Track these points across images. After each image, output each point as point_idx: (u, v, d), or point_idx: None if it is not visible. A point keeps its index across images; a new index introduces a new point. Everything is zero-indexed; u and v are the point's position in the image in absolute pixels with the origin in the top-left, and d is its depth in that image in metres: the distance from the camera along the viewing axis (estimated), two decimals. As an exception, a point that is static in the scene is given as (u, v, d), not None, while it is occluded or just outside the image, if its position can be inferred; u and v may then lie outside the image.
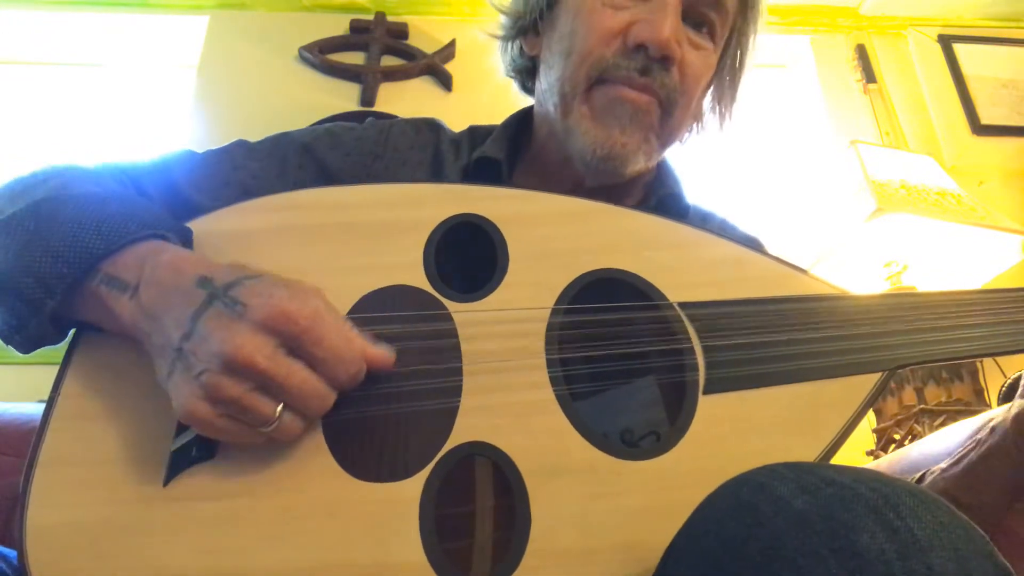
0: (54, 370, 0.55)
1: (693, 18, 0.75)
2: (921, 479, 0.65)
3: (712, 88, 0.84)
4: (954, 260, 1.64)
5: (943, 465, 0.63)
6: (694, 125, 0.86)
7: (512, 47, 0.87)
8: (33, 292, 0.53)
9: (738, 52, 0.82)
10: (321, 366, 0.49)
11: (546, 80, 0.78)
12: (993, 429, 0.60)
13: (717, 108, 0.85)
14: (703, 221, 0.86)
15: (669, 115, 0.74)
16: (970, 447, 0.61)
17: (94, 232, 0.54)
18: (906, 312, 0.63)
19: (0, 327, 0.57)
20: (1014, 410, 0.58)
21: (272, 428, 0.48)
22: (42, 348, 0.59)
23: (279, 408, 0.48)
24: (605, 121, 0.72)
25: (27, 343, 0.58)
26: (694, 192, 0.87)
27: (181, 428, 0.52)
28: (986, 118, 2.05)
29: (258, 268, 0.52)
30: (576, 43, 0.74)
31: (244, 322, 0.47)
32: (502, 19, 0.86)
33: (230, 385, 0.46)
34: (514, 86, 0.90)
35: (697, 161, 0.99)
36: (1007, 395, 1.04)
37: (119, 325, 0.53)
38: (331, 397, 0.50)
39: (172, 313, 0.49)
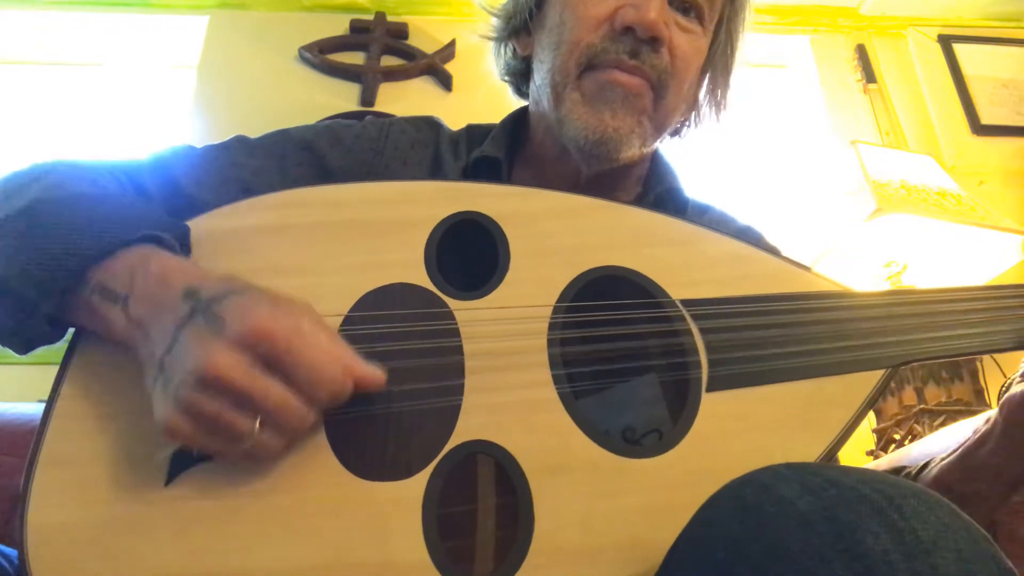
0: (54, 370, 0.55)
1: (680, 3, 0.75)
2: (925, 466, 0.65)
3: (707, 78, 0.84)
4: (954, 260, 1.65)
5: (944, 455, 0.63)
6: (691, 116, 0.86)
7: (505, 50, 0.87)
8: (28, 295, 0.53)
9: (729, 40, 0.82)
10: (300, 385, 0.48)
11: (539, 75, 0.79)
12: (989, 420, 0.60)
13: (712, 98, 0.85)
14: (702, 214, 0.86)
15: (662, 98, 0.74)
16: (969, 438, 0.61)
17: (87, 234, 0.54)
18: (908, 309, 0.62)
19: None
20: (1003, 399, 0.58)
21: (250, 445, 0.47)
22: (41, 348, 0.59)
23: (256, 425, 0.47)
24: (596, 106, 0.72)
25: (23, 344, 0.57)
26: (693, 189, 0.87)
27: None
28: (986, 118, 2.06)
29: (249, 282, 0.51)
30: (565, 33, 0.74)
31: (221, 338, 0.46)
32: (494, 21, 0.86)
33: (206, 401, 0.46)
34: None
35: (698, 161, 0.99)
36: (1007, 395, 1.03)
37: (113, 333, 0.53)
38: (310, 416, 0.49)
39: (158, 325, 0.49)
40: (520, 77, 0.87)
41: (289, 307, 0.50)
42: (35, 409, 1.07)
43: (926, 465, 0.65)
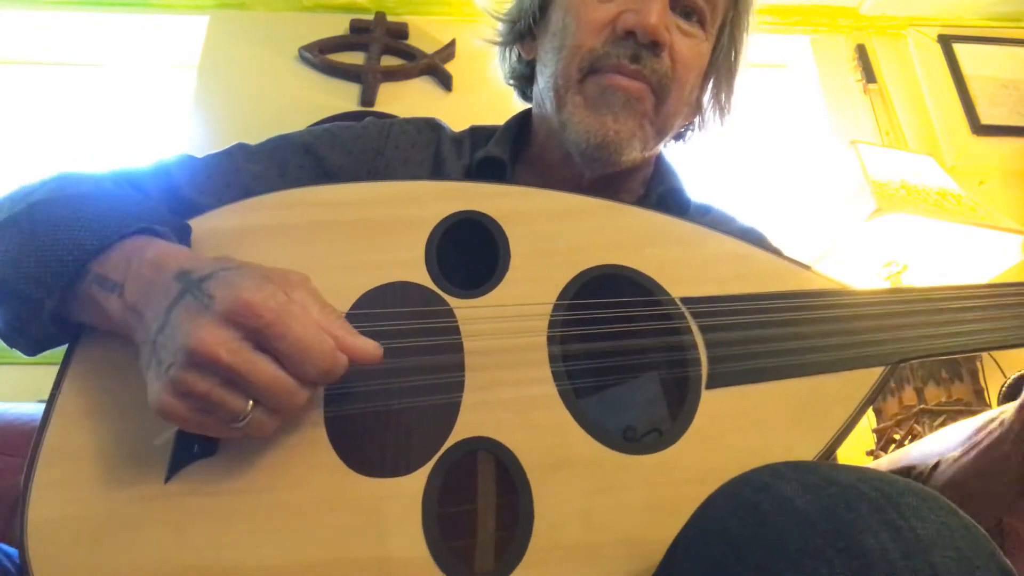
0: (54, 370, 0.55)
1: (682, 7, 0.76)
2: (936, 467, 0.65)
3: (710, 82, 0.84)
4: (954, 260, 1.65)
5: (955, 454, 0.64)
6: (695, 119, 0.86)
7: (511, 54, 0.88)
8: (32, 292, 0.53)
9: (732, 44, 0.83)
10: (287, 361, 0.47)
11: (542, 79, 0.79)
12: (1002, 422, 0.60)
13: (715, 102, 0.85)
14: (704, 215, 0.87)
15: (663, 102, 0.74)
16: (981, 437, 0.61)
17: (87, 229, 0.54)
18: (908, 306, 0.63)
19: (3, 329, 0.58)
20: (1020, 401, 0.58)
21: (243, 424, 0.47)
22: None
23: (250, 404, 0.46)
24: (598, 109, 0.72)
25: (32, 345, 0.58)
26: (695, 190, 0.87)
27: None
28: (986, 118, 2.06)
29: (242, 260, 0.51)
30: (567, 37, 0.75)
31: (209, 314, 0.46)
32: (499, 26, 0.87)
33: (196, 380, 0.45)
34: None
35: (698, 160, 0.99)
36: (1008, 395, 1.03)
37: (112, 323, 0.53)
38: (302, 394, 0.48)
39: (152, 307, 0.49)
40: (525, 81, 0.88)
41: (282, 280, 0.49)
42: (35, 409, 1.07)
43: (936, 465, 0.65)
